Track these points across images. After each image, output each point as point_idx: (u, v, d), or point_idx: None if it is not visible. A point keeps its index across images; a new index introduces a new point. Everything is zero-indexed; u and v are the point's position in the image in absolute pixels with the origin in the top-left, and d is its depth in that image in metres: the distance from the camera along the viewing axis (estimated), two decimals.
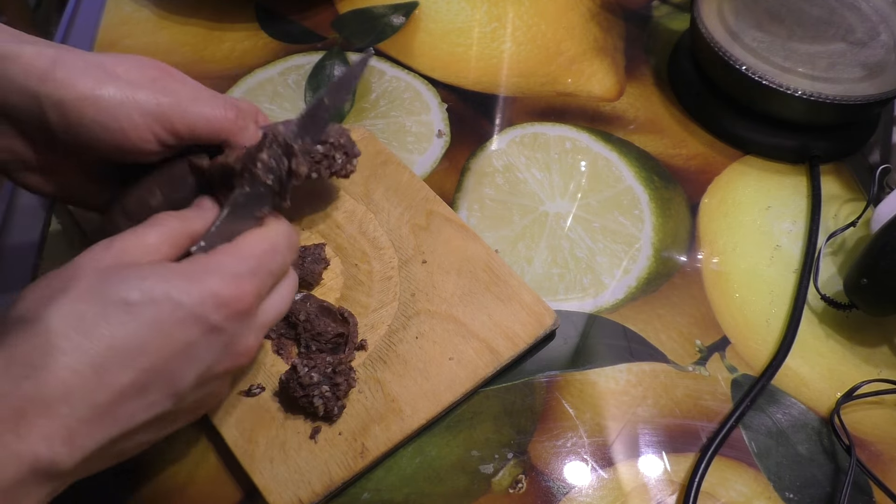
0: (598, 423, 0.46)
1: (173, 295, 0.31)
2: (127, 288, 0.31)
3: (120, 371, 0.30)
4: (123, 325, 0.30)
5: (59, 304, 0.30)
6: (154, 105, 0.37)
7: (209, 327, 0.32)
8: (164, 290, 0.31)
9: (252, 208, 0.36)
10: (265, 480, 0.40)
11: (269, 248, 0.36)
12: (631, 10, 0.71)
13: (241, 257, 0.34)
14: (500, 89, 0.64)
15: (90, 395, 0.29)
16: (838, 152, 0.60)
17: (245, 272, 0.34)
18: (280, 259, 0.36)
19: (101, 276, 0.31)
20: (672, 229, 0.55)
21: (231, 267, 0.34)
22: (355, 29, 0.68)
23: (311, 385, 0.41)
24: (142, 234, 0.34)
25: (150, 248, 0.34)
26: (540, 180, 0.57)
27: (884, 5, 0.61)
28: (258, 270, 0.35)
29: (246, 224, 0.36)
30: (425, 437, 0.44)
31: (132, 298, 0.31)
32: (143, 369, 0.31)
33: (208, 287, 0.32)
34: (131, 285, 0.31)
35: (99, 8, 0.67)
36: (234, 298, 0.33)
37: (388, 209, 0.52)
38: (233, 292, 0.33)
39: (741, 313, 0.51)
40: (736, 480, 0.44)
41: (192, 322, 0.32)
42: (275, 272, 0.36)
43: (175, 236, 0.35)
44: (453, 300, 0.48)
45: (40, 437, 0.28)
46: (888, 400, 0.48)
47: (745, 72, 0.56)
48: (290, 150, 0.36)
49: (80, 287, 0.31)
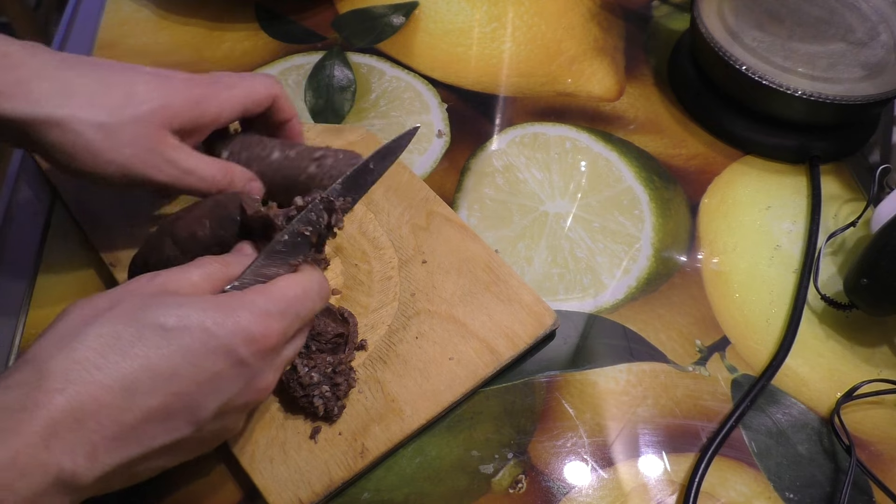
0: (598, 423, 0.46)
1: (207, 325, 0.32)
2: (165, 314, 0.32)
3: (149, 393, 0.31)
4: (158, 348, 0.31)
5: (99, 323, 0.31)
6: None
7: (237, 360, 0.33)
8: (199, 319, 0.32)
9: (288, 257, 0.38)
10: (265, 480, 0.40)
11: (300, 293, 0.37)
12: (631, 10, 0.71)
13: (272, 298, 0.35)
14: (500, 89, 0.64)
15: (119, 414, 0.30)
16: (838, 152, 0.60)
17: (275, 312, 0.35)
18: (310, 305, 0.37)
19: (142, 302, 0.33)
20: (672, 229, 0.55)
21: (262, 305, 0.35)
22: (355, 29, 0.68)
23: (311, 385, 0.41)
24: (186, 272, 0.35)
25: (192, 284, 0.35)
26: (540, 180, 0.57)
27: (884, 5, 0.61)
28: (287, 312, 0.36)
29: (280, 271, 0.38)
30: (425, 437, 0.44)
31: (169, 324, 0.32)
32: (171, 394, 0.32)
33: (239, 321, 0.33)
34: (169, 312, 0.32)
35: (99, 8, 0.67)
36: (262, 336, 0.34)
37: (388, 209, 0.52)
38: (261, 330, 0.34)
39: (741, 313, 0.51)
40: (736, 480, 0.44)
41: (223, 353, 0.33)
42: (302, 317, 0.37)
43: (216, 278, 0.36)
44: (453, 300, 0.48)
45: (66, 449, 0.29)
46: (888, 400, 0.48)
47: (745, 72, 0.56)
48: (331, 207, 0.38)
49: (120, 309, 0.32)
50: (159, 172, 0.42)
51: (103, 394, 0.30)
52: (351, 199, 0.40)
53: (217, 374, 0.33)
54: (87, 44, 0.65)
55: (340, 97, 0.62)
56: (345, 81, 0.63)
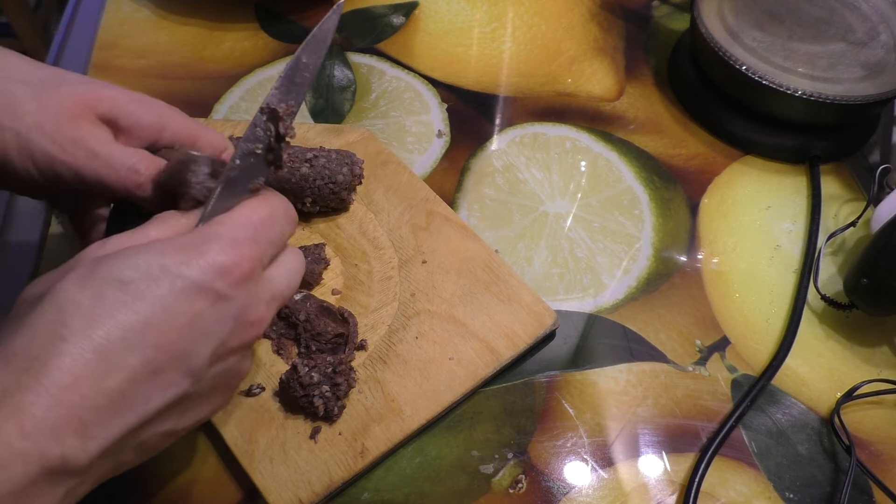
0: (598, 423, 0.46)
1: (171, 268, 0.30)
2: (120, 267, 0.30)
3: (126, 352, 0.29)
4: (122, 304, 0.29)
5: (53, 294, 0.29)
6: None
7: (215, 296, 0.31)
8: (159, 263, 0.30)
9: (246, 181, 0.35)
10: (265, 480, 0.40)
11: (266, 216, 0.34)
12: (631, 10, 0.71)
13: (236, 224, 0.33)
14: (500, 89, 0.64)
15: (99, 380, 0.28)
16: (838, 152, 0.60)
17: (244, 238, 0.33)
18: (279, 229, 0.35)
19: (95, 262, 0.30)
20: (672, 229, 0.55)
21: (227, 234, 0.32)
22: (355, 29, 0.68)
23: (312, 385, 0.41)
24: (142, 230, 0.33)
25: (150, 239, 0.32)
26: (540, 180, 0.57)
27: (884, 5, 0.61)
28: (257, 237, 0.34)
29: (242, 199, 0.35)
30: (425, 437, 0.44)
31: (126, 277, 0.29)
32: (150, 346, 0.29)
33: (208, 256, 0.31)
34: (124, 264, 0.30)
35: (99, 8, 0.67)
36: (236, 264, 0.32)
37: (388, 209, 0.52)
38: (233, 258, 0.31)
39: (741, 313, 0.51)
40: (736, 480, 0.44)
41: (196, 293, 0.30)
42: (275, 241, 0.35)
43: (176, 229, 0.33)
44: (453, 300, 0.48)
45: (47, 432, 0.27)
46: (888, 400, 0.48)
47: (745, 72, 0.56)
48: (275, 115, 0.36)
49: (73, 275, 0.30)
50: (61, 150, 0.36)
51: (76, 364, 0.27)
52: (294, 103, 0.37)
53: (197, 315, 0.30)
54: (87, 44, 0.65)
55: (340, 97, 0.62)
56: (345, 81, 0.63)
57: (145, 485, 0.42)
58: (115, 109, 0.38)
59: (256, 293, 0.33)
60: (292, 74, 0.37)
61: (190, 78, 0.63)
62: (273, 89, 0.36)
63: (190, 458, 0.43)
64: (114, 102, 0.38)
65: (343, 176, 0.50)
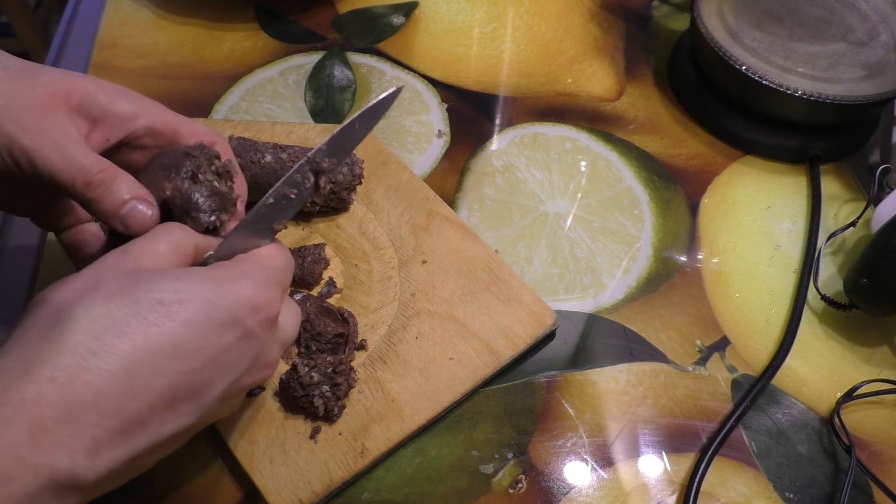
0: (598, 423, 0.46)
1: (209, 296, 0.30)
2: (160, 288, 0.29)
3: (155, 376, 0.28)
4: (158, 325, 0.29)
5: (88, 303, 0.28)
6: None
7: (244, 332, 0.31)
8: (199, 290, 0.30)
9: (270, 220, 0.36)
10: (265, 480, 0.40)
11: (285, 263, 0.36)
12: (631, 10, 0.71)
13: (266, 267, 0.34)
14: (500, 89, 0.64)
15: (123, 401, 0.28)
16: (838, 152, 0.60)
17: (272, 281, 0.34)
18: (289, 277, 0.37)
19: (130, 278, 0.30)
20: (672, 229, 0.55)
21: (260, 274, 0.33)
22: (355, 29, 0.68)
23: (312, 385, 0.41)
24: (151, 242, 0.33)
25: (162, 255, 0.32)
26: (540, 180, 0.57)
27: (884, 5, 0.61)
28: (281, 282, 0.35)
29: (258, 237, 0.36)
30: (425, 437, 0.44)
31: (166, 299, 0.29)
32: (177, 373, 0.29)
33: (243, 291, 0.31)
34: (165, 286, 0.30)
35: (99, 8, 0.67)
36: (267, 304, 0.32)
37: (388, 209, 0.52)
38: (265, 298, 0.32)
39: (741, 313, 0.51)
40: (736, 480, 0.44)
41: (230, 325, 0.31)
42: (285, 287, 0.36)
43: (181, 246, 0.34)
44: (453, 300, 0.48)
45: (60, 447, 0.26)
46: (888, 400, 0.48)
47: (745, 72, 0.56)
48: (318, 168, 0.38)
49: (109, 287, 0.29)
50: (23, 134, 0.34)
51: (102, 381, 0.27)
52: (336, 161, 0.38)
53: (225, 348, 0.31)
54: (87, 44, 0.65)
55: (340, 97, 0.62)
56: (345, 81, 0.63)
57: (145, 485, 0.42)
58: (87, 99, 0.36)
59: (275, 335, 0.34)
60: (342, 137, 0.39)
61: (190, 78, 0.63)
62: (322, 144, 0.38)
63: (190, 457, 0.43)
64: (86, 93, 0.36)
65: (343, 176, 0.50)
